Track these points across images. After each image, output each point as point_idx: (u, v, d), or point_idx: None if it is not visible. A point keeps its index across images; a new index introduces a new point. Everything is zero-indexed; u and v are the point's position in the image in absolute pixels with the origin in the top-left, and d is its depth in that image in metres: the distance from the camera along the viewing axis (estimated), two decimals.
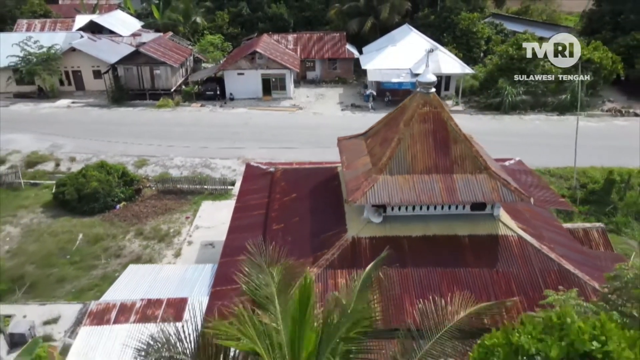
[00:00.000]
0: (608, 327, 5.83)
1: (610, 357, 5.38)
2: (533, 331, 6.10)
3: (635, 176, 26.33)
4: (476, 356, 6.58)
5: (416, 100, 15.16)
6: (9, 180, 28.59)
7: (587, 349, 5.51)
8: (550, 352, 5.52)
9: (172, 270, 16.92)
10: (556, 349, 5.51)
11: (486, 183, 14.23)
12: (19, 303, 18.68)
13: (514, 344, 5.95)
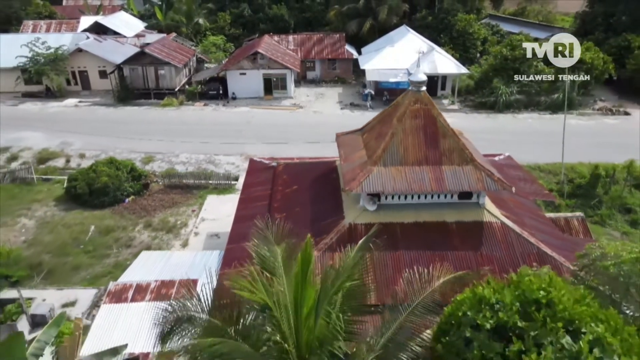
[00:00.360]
0: (555, 281, 7.10)
1: (553, 302, 6.64)
2: (495, 286, 7.37)
3: (620, 171, 27.56)
4: (449, 310, 7.86)
5: (408, 97, 16.44)
6: (22, 175, 29.91)
7: (535, 297, 6.77)
8: (505, 299, 6.78)
9: (181, 256, 18.22)
10: (510, 296, 6.77)
11: (472, 174, 15.52)
12: (38, 288, 19.97)
13: (479, 296, 7.21)
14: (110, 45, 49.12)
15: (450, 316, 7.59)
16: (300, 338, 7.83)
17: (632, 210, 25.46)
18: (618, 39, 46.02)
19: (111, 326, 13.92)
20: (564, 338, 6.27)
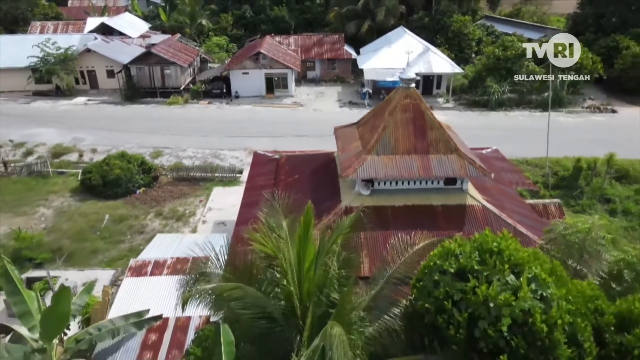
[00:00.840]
0: (507, 237, 8.86)
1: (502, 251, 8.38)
2: (460, 242, 9.12)
3: (601, 164, 29.30)
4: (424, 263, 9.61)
5: (399, 93, 18.18)
6: (38, 168, 31.66)
7: (489, 247, 8.51)
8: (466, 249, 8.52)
9: (193, 238, 19.98)
10: (470, 247, 8.51)
11: (456, 162, 17.26)
12: (60, 269, 21.69)
13: (446, 249, 8.96)
14: (117, 46, 50.86)
15: (425, 267, 9.32)
16: (302, 287, 9.55)
17: (612, 200, 27.20)
18: (607, 40, 47.76)
19: (133, 296, 15.65)
20: (508, 276, 7.98)
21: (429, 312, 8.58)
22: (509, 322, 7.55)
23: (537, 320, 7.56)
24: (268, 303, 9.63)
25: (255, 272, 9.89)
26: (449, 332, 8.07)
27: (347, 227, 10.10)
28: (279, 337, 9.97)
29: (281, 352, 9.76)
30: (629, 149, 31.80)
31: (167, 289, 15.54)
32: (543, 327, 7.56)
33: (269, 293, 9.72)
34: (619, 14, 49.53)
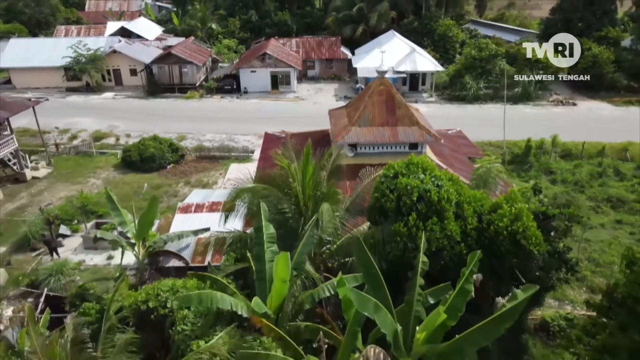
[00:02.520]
0: (424, 159, 15.18)
1: (419, 163, 14.69)
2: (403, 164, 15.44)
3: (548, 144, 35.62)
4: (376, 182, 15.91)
5: (376, 82, 24.53)
6: (84, 149, 38.02)
7: (412, 161, 14.84)
8: (400, 164, 14.85)
9: (221, 191, 26.27)
10: (402, 163, 14.83)
11: (416, 132, 23.58)
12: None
13: (390, 165, 15.28)
14: (138, 47, 57.29)
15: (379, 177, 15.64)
16: (305, 190, 15.82)
17: (554, 172, 33.51)
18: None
19: (184, 224, 21.92)
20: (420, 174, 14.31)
21: (377, 200, 14.92)
22: (417, 195, 13.86)
23: (432, 194, 13.88)
24: (283, 200, 15.95)
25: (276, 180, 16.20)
26: (388, 206, 14.40)
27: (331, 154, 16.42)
28: (290, 226, 16.25)
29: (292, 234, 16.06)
30: (575, 133, 38.15)
31: (208, 220, 21.87)
32: (435, 198, 13.88)
33: (285, 193, 16.04)
34: (584, 19, 55.88)
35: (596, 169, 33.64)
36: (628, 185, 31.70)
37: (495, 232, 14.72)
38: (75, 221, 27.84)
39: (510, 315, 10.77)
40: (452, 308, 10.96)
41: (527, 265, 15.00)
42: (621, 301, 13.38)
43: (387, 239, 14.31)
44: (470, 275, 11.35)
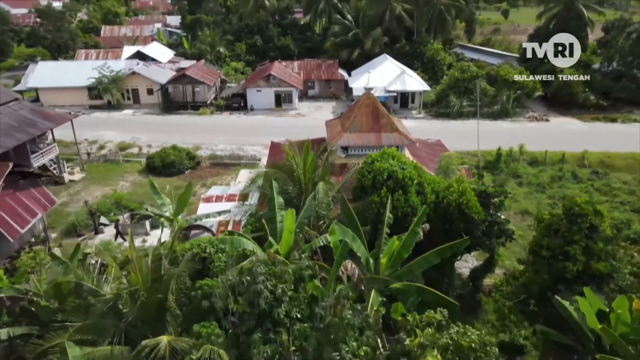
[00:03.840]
0: (395, 151, 20.47)
1: (390, 153, 19.95)
2: (379, 153, 20.72)
3: (516, 152, 40.93)
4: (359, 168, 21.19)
5: (364, 96, 29.96)
6: (112, 157, 43.35)
7: (386, 152, 20.11)
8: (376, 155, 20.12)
9: (236, 187, 31.45)
10: (378, 153, 20.10)
11: (396, 137, 28.89)
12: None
13: (369, 156, 20.56)
14: (154, 69, 63.12)
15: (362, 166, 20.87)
16: (305, 174, 21.01)
17: (520, 176, 38.75)
18: (547, 65, 59.77)
19: (207, 210, 27.02)
20: (391, 160, 19.53)
21: (359, 180, 20.14)
22: (386, 174, 19.10)
23: (398, 174, 19.11)
24: (288, 183, 21.16)
25: (282, 165, 21.45)
26: (366, 183, 19.61)
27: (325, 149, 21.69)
28: (293, 203, 21.37)
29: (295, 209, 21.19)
30: (544, 144, 43.46)
31: (226, 206, 27.03)
32: (400, 176, 19.10)
33: (290, 177, 21.26)
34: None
35: (557, 173, 38.90)
36: (583, 187, 36.93)
37: (447, 204, 19.89)
38: (111, 213, 33.00)
39: (443, 251, 15.90)
40: (405, 243, 16.10)
41: (471, 229, 20.11)
42: (535, 251, 18.49)
43: (366, 207, 19.48)
44: (419, 223, 16.51)
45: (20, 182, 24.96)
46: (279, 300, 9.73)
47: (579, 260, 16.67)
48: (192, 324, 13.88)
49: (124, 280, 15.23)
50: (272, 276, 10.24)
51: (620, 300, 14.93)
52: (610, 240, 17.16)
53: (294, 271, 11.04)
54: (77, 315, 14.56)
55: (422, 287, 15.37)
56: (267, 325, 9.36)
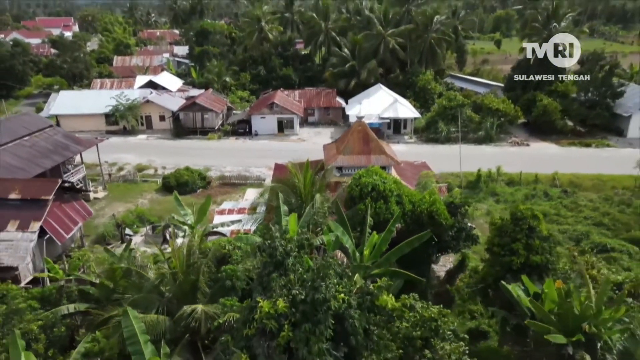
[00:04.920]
0: (378, 169, 25.13)
1: (374, 171, 24.58)
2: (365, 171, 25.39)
3: (494, 174, 45.57)
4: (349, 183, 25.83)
5: (355, 123, 34.77)
6: (130, 178, 48.01)
7: (371, 169, 24.74)
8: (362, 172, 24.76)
9: (245, 202, 35.98)
10: (364, 171, 24.74)
11: (384, 158, 33.56)
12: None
13: (357, 173, 25.20)
14: (166, 98, 68.36)
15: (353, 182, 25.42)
16: (305, 188, 25.54)
17: (498, 194, 43.31)
18: (528, 95, 65.06)
19: (222, 220, 31.48)
20: (374, 176, 24.02)
21: (349, 193, 24.68)
22: (370, 187, 23.64)
23: (380, 186, 23.65)
24: (291, 195, 25.71)
25: (286, 181, 26.02)
26: (355, 194, 24.15)
27: (323, 167, 26.33)
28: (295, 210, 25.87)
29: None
30: (522, 167, 48.09)
31: (237, 217, 31.52)
32: (382, 189, 23.65)
33: (294, 189, 25.82)
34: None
35: (531, 192, 43.47)
36: (552, 204, 41.44)
37: (420, 211, 24.41)
38: (134, 226, 37.46)
39: (412, 242, 20.38)
40: (383, 239, 20.59)
41: (440, 233, 24.59)
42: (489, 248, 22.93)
43: (355, 213, 24.00)
44: (394, 224, 21.02)
45: (64, 195, 29.49)
46: (288, 254, 14.12)
47: (521, 255, 21.06)
48: (218, 299, 18.28)
49: (165, 266, 19.65)
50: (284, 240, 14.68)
51: (548, 283, 19.29)
52: (546, 239, 21.59)
53: (297, 240, 15.47)
54: (129, 292, 18.96)
55: (395, 270, 19.75)
56: (280, 271, 13.73)
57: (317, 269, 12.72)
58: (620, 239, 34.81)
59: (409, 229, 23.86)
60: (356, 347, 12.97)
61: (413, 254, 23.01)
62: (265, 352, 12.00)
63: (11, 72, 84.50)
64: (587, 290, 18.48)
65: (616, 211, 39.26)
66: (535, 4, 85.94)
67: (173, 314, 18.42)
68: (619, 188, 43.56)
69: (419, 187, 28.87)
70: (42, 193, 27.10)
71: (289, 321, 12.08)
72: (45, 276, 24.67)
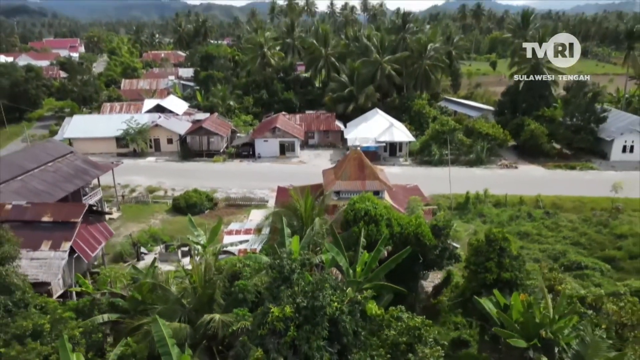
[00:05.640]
0: (371, 196, 28.49)
1: (367, 197, 27.91)
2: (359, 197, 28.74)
3: (481, 196, 48.89)
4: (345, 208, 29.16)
5: (351, 151, 38.21)
6: (142, 199, 51.32)
7: (364, 196, 28.08)
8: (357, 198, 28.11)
9: (251, 223, 39.23)
10: (358, 197, 28.08)
11: (377, 183, 36.92)
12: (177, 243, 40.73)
13: (352, 199, 28.55)
14: (174, 122, 72.02)
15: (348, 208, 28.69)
16: (306, 212, 28.79)
17: (485, 215, 46.58)
18: (517, 119, 68.69)
19: (231, 240, 34.68)
20: (367, 202, 27.32)
21: (345, 217, 27.96)
22: (363, 212, 26.91)
23: (371, 211, 26.93)
24: (293, 218, 28.98)
25: (289, 205, 29.31)
26: (349, 218, 27.42)
27: (322, 193, 29.66)
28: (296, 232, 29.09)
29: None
30: (508, 188, 51.46)
31: (245, 237, 34.75)
32: (373, 213, 26.92)
33: (295, 214, 29.08)
34: (526, 101, 70.87)
35: (515, 213, 46.75)
36: (535, 224, 44.67)
37: (407, 233, 27.67)
38: (148, 245, 40.66)
39: (396, 259, 23.61)
40: (373, 258, 23.81)
41: (425, 252, 27.81)
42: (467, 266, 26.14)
43: (349, 235, 27.25)
44: (383, 244, 24.27)
45: (89, 217, 32.75)
46: (293, 271, 17.35)
47: (493, 272, 24.24)
48: (231, 309, 21.46)
49: (186, 281, 22.87)
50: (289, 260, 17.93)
51: (514, 296, 22.45)
52: (516, 258, 24.80)
53: (300, 260, 18.73)
54: (156, 304, 22.15)
55: (383, 284, 22.94)
56: (287, 284, 16.95)
57: (315, 283, 15.96)
58: (594, 258, 38.03)
59: (397, 249, 27.05)
60: (347, 345, 16.17)
61: (402, 271, 26.30)
62: (276, 348, 15.20)
63: (25, 96, 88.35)
64: (546, 302, 21.64)
65: (593, 231, 42.46)
66: (524, 32, 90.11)
67: (193, 322, 21.60)
68: (598, 209, 46.78)
69: (408, 211, 32.15)
70: (72, 216, 30.39)
71: (294, 323, 15.34)
72: (75, 290, 27.84)
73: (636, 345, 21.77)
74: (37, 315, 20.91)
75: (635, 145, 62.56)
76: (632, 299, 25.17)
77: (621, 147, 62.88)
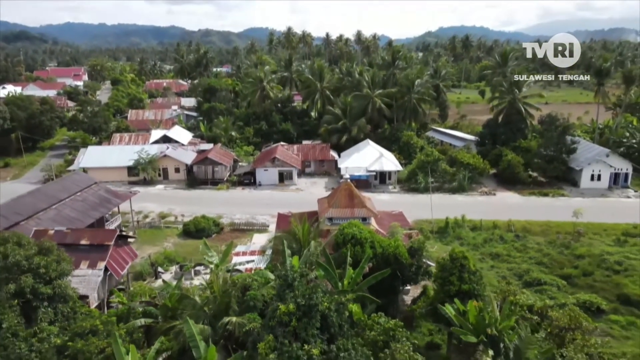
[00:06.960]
0: (358, 223, 34.32)
1: (354, 224, 33.69)
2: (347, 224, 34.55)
3: (459, 221, 54.72)
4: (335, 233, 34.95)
5: (343, 183, 44.15)
6: (155, 225, 56.90)
7: (352, 222, 33.88)
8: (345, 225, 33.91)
9: (255, 245, 44.83)
10: (347, 224, 33.88)
11: (365, 211, 42.73)
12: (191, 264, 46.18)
13: (341, 226, 34.34)
14: (181, 152, 78.05)
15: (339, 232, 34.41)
16: (303, 236, 34.46)
17: (462, 238, 52.34)
18: (496, 150, 75.04)
19: (239, 260, 40.21)
20: (355, 227, 33.06)
21: (335, 240, 33.68)
22: (350, 236, 32.63)
23: (357, 236, 32.65)
24: (292, 242, 34.66)
25: (289, 231, 35.03)
26: (339, 241, 33.12)
27: (317, 219, 35.45)
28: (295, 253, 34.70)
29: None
30: (486, 214, 57.35)
31: (251, 258, 40.35)
32: (358, 237, 32.64)
33: (295, 238, 34.77)
34: (504, 133, 77.39)
35: (489, 236, 52.53)
36: (506, 246, 50.43)
37: (387, 254, 33.38)
38: (164, 265, 46.12)
39: (377, 277, 29.33)
40: (357, 273, 29.50)
41: (403, 269, 33.48)
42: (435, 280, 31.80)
43: (339, 255, 32.93)
44: (366, 263, 29.99)
45: (118, 241, 38.32)
46: (295, 279, 23.04)
47: (455, 284, 29.93)
48: (244, 314, 27.02)
49: (207, 292, 28.45)
50: (292, 271, 23.63)
51: (470, 304, 28.12)
52: (474, 273, 30.49)
53: (300, 271, 24.45)
54: (184, 310, 27.70)
55: (364, 295, 28.59)
56: (290, 289, 22.64)
57: (311, 288, 21.66)
58: (554, 275, 43.72)
59: (379, 267, 32.73)
60: (334, 334, 21.76)
61: (383, 286, 31.97)
62: (282, 334, 20.76)
63: (40, 127, 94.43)
64: (492, 307, 27.33)
65: (556, 252, 48.25)
66: (503, 69, 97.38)
67: (213, 325, 27.15)
68: (562, 233, 52.62)
69: (389, 235, 37.94)
70: (105, 240, 36.00)
71: (295, 317, 20.96)
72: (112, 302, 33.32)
73: (572, 345, 27.38)
74: (91, 318, 26.37)
75: (602, 174, 68.83)
76: (574, 308, 30.87)
77: (589, 175, 69.09)
